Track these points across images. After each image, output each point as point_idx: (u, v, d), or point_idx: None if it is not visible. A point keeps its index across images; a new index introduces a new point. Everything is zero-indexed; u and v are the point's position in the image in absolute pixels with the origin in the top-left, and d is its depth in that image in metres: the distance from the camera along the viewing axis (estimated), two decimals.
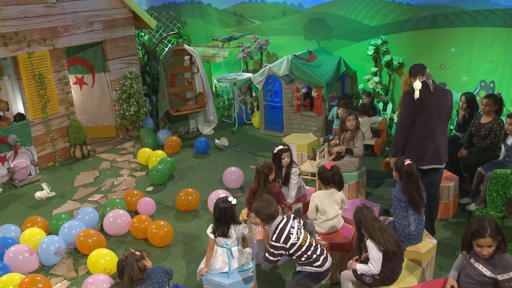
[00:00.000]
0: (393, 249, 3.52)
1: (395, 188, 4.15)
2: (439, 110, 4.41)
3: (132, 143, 8.45)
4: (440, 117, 4.45)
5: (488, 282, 3.13)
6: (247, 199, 4.63)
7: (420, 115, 4.40)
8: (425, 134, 4.44)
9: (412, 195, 4.01)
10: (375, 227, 3.58)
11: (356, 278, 3.73)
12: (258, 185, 4.47)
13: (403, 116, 4.53)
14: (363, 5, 7.86)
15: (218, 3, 10.05)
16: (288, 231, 3.60)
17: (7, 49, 6.70)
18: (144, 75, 9.32)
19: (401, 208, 4.05)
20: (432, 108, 4.38)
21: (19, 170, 6.88)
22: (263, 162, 4.56)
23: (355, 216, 3.71)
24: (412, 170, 4.04)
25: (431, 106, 4.38)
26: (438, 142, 4.46)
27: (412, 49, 7.46)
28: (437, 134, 4.46)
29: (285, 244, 3.57)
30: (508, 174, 4.87)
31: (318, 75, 7.59)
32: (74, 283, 4.60)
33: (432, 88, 4.40)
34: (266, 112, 8.53)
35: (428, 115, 4.39)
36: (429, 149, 4.46)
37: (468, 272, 3.25)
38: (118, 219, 5.30)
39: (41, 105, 7.24)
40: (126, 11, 8.43)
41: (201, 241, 5.19)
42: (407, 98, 4.45)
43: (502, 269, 3.06)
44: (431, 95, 4.38)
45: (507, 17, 6.33)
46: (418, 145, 4.47)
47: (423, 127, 4.43)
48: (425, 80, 4.41)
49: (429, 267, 4.17)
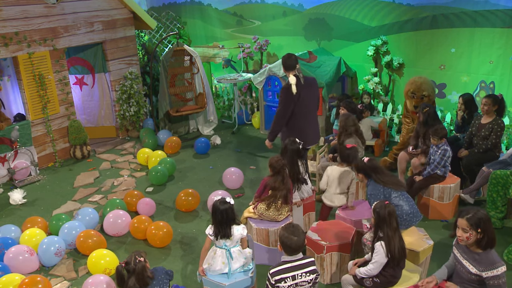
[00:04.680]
0: (399, 257, 3.52)
1: (369, 187, 4.22)
2: (311, 98, 5.13)
3: (132, 143, 8.45)
4: (313, 104, 5.18)
5: (474, 280, 3.15)
6: (259, 191, 4.66)
7: (298, 105, 4.99)
8: (306, 120, 5.10)
9: (388, 180, 4.13)
10: (395, 229, 3.56)
11: (356, 282, 3.73)
12: (282, 180, 4.53)
13: (283, 107, 5.05)
14: (363, 5, 7.86)
15: (218, 3, 10.05)
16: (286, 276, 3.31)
17: (7, 50, 6.70)
18: (144, 76, 9.32)
19: (383, 199, 4.04)
20: (305, 97, 5.02)
21: (19, 170, 6.88)
22: (276, 158, 4.60)
23: (382, 209, 3.53)
24: (374, 163, 4.21)
25: (305, 96, 5.01)
26: (315, 125, 5.27)
27: (412, 50, 7.46)
28: (314, 119, 5.24)
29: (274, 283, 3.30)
30: (508, 175, 4.87)
31: (318, 76, 7.59)
32: (74, 283, 4.60)
33: (303, 81, 4.98)
34: (266, 112, 8.53)
35: (305, 104, 5.04)
36: (310, 132, 5.20)
37: (458, 271, 3.29)
38: (118, 219, 5.30)
39: (41, 106, 7.24)
40: (126, 12, 8.43)
41: (201, 242, 5.18)
42: (285, 92, 4.99)
43: (486, 266, 3.10)
44: (303, 86, 4.98)
45: (507, 18, 6.34)
46: (301, 130, 5.08)
47: (302, 115, 5.05)
48: (297, 74, 4.95)
49: (423, 267, 4.17)
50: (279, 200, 4.57)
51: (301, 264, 3.35)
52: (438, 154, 5.19)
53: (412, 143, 5.94)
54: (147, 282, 3.44)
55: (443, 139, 5.19)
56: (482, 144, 5.52)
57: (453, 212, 5.43)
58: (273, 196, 4.55)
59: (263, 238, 4.59)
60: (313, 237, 4.34)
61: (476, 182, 5.40)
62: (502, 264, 3.10)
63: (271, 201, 4.56)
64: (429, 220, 5.36)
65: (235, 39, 9.87)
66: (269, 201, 4.57)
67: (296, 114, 5.02)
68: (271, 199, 4.56)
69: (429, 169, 5.26)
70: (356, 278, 3.71)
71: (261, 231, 4.57)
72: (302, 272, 3.31)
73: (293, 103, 4.96)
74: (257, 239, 4.62)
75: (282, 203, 4.59)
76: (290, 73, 4.95)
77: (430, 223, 5.30)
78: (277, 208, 4.58)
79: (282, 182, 4.54)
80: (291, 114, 5.02)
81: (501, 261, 3.12)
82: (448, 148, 5.18)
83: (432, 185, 5.28)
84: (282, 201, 4.58)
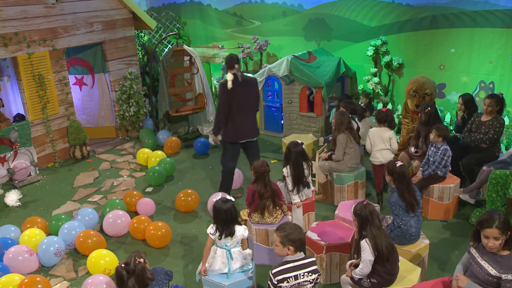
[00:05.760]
0: (387, 253, 3.52)
1: (393, 196, 4.18)
2: (247, 96, 5.46)
3: (132, 143, 8.45)
4: (250, 101, 5.51)
5: (492, 281, 3.10)
6: (248, 199, 4.64)
7: (235, 101, 5.38)
8: (242, 116, 5.46)
9: (405, 197, 4.08)
10: (378, 226, 3.57)
11: (354, 283, 3.73)
12: (264, 185, 4.52)
13: (221, 103, 5.46)
14: (363, 6, 7.87)
15: (218, 3, 10.06)
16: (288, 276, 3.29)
17: (7, 50, 6.70)
18: (144, 76, 9.32)
19: (403, 211, 4.08)
20: (242, 95, 5.39)
21: (19, 170, 6.88)
22: (260, 162, 4.60)
23: (363, 210, 3.58)
24: (403, 171, 4.15)
25: (241, 92, 5.37)
26: (251, 121, 5.59)
27: (412, 50, 7.47)
28: (251, 115, 5.57)
29: (277, 283, 3.28)
30: (508, 175, 4.87)
31: (318, 76, 7.59)
32: (73, 283, 4.60)
33: (241, 79, 5.35)
34: (265, 113, 8.53)
35: (241, 101, 5.40)
36: (246, 127, 5.55)
37: (473, 271, 3.24)
38: (117, 219, 5.30)
39: (41, 106, 7.24)
40: (125, 12, 8.43)
41: (201, 242, 5.19)
42: (222, 87, 5.43)
43: (507, 268, 3.05)
44: (240, 84, 5.35)
45: (506, 18, 6.34)
46: (238, 125, 5.48)
47: (239, 111, 5.42)
48: (235, 72, 5.33)
49: (422, 267, 4.16)
50: (269, 206, 4.58)
51: (303, 263, 3.35)
52: (439, 154, 5.18)
53: (412, 143, 5.93)
54: (147, 283, 3.44)
55: (441, 138, 5.17)
56: (479, 138, 5.50)
57: (453, 212, 5.42)
58: (262, 204, 4.55)
59: (263, 238, 4.59)
60: (312, 237, 4.34)
61: (476, 182, 5.39)
62: None
63: (262, 209, 4.57)
64: (428, 220, 5.35)
65: (235, 39, 9.88)
66: (260, 208, 4.57)
67: (233, 109, 5.43)
68: (260, 207, 4.57)
69: (430, 170, 5.26)
70: (354, 280, 3.71)
71: (261, 231, 4.57)
72: (304, 272, 3.31)
73: (229, 99, 5.39)
74: (257, 239, 4.62)
75: (273, 207, 4.60)
76: (230, 71, 5.41)
77: (430, 223, 5.30)
78: (271, 213, 4.60)
79: (265, 187, 4.52)
80: (229, 109, 5.42)
81: None
82: (448, 148, 5.18)
83: (432, 185, 5.28)
84: (272, 205, 4.59)
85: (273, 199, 4.57)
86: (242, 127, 5.52)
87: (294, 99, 7.98)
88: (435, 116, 5.68)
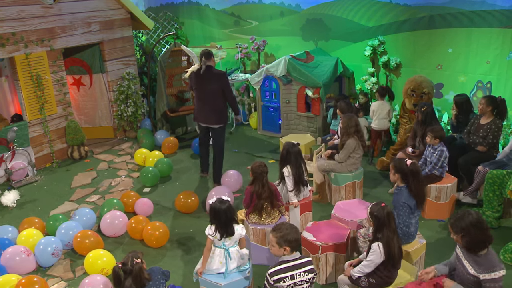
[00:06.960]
0: (398, 258, 3.53)
1: (403, 195, 4.08)
2: (209, 87, 6.05)
3: (130, 144, 8.45)
4: (211, 92, 6.06)
5: (472, 281, 3.15)
6: (246, 200, 4.64)
7: (197, 88, 6.16)
8: (202, 102, 6.18)
9: (419, 194, 4.05)
10: (394, 230, 3.56)
11: (352, 283, 3.74)
12: (262, 186, 4.52)
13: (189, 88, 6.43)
14: (361, 6, 7.87)
15: (215, 4, 10.06)
16: (285, 276, 3.31)
17: (4, 50, 6.69)
18: (142, 76, 9.32)
19: (408, 213, 4.05)
20: (203, 85, 6.07)
21: (16, 171, 6.87)
22: (258, 163, 4.60)
23: (380, 212, 3.54)
24: (418, 170, 4.10)
25: (203, 83, 6.07)
26: (210, 109, 6.14)
27: (409, 50, 7.47)
28: (211, 104, 6.11)
29: (273, 283, 3.30)
30: (504, 174, 4.89)
31: (316, 76, 7.60)
32: (71, 284, 4.60)
33: (202, 71, 6.00)
34: (263, 113, 8.53)
35: (200, 90, 6.13)
36: (203, 113, 6.22)
37: (458, 271, 3.28)
38: (115, 220, 5.30)
39: (39, 106, 7.23)
40: (123, 12, 8.43)
41: (198, 242, 5.19)
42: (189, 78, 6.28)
43: (485, 268, 3.09)
44: (202, 76, 6.03)
45: (503, 18, 6.35)
46: (199, 109, 6.27)
47: (199, 97, 6.19)
48: (202, 65, 6.00)
49: (418, 266, 4.17)
50: (267, 207, 4.58)
51: (300, 263, 3.36)
52: (435, 155, 5.19)
53: (409, 143, 5.94)
54: (144, 283, 3.44)
55: (438, 139, 5.18)
56: (478, 142, 5.51)
57: (450, 212, 5.44)
58: (260, 204, 4.55)
59: (260, 238, 4.59)
60: (308, 238, 4.35)
61: (474, 183, 5.40)
62: (502, 268, 3.09)
63: (260, 209, 4.57)
64: (425, 219, 5.37)
65: (233, 40, 9.88)
66: (257, 209, 4.57)
67: (196, 95, 6.27)
68: (258, 208, 4.57)
69: (427, 170, 5.26)
70: (352, 279, 3.71)
71: (258, 231, 4.58)
72: (301, 272, 3.32)
73: (192, 85, 6.25)
74: (254, 239, 4.62)
75: (270, 208, 4.60)
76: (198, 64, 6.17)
77: (427, 222, 5.31)
78: (268, 214, 4.60)
79: (263, 188, 4.53)
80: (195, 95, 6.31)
81: (501, 265, 3.11)
82: (444, 149, 5.19)
83: (429, 185, 5.29)
84: (270, 206, 4.59)
85: (271, 200, 4.57)
86: (201, 113, 6.25)
87: (292, 99, 7.98)
88: (431, 115, 5.67)
